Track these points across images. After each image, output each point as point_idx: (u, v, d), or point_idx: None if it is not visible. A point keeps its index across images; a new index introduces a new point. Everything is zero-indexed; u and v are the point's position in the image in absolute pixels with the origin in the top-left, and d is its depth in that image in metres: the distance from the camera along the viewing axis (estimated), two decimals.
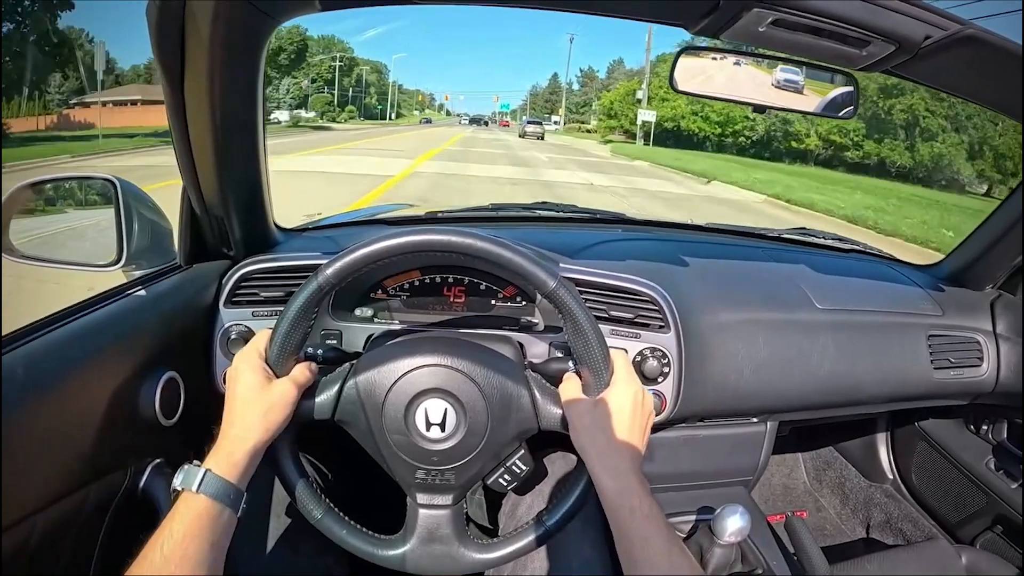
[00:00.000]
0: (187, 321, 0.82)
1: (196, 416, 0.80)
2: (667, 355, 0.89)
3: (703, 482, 1.11)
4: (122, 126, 22.11)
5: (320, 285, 0.62)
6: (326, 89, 58.51)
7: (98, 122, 20.88)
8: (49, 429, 0.59)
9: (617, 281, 0.89)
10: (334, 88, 59.80)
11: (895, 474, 1.46)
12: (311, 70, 56.61)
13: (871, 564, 1.14)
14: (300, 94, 53.00)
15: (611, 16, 0.69)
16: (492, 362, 0.67)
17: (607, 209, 1.48)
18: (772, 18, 0.62)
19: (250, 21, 0.60)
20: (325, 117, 50.90)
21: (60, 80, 28.38)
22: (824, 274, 1.15)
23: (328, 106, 54.74)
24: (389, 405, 0.65)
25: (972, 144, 28.87)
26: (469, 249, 0.62)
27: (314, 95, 54.79)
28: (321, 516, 0.67)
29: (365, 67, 71.13)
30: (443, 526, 0.69)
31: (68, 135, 18.18)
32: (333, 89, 59.61)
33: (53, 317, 0.67)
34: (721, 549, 0.84)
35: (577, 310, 0.63)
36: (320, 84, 58.47)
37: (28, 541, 0.56)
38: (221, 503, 0.55)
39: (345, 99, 63.45)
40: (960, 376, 1.12)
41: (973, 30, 0.62)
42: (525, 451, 0.71)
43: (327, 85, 59.39)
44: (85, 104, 27.34)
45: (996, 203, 1.16)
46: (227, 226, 0.84)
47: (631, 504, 0.58)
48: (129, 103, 30.68)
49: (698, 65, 0.82)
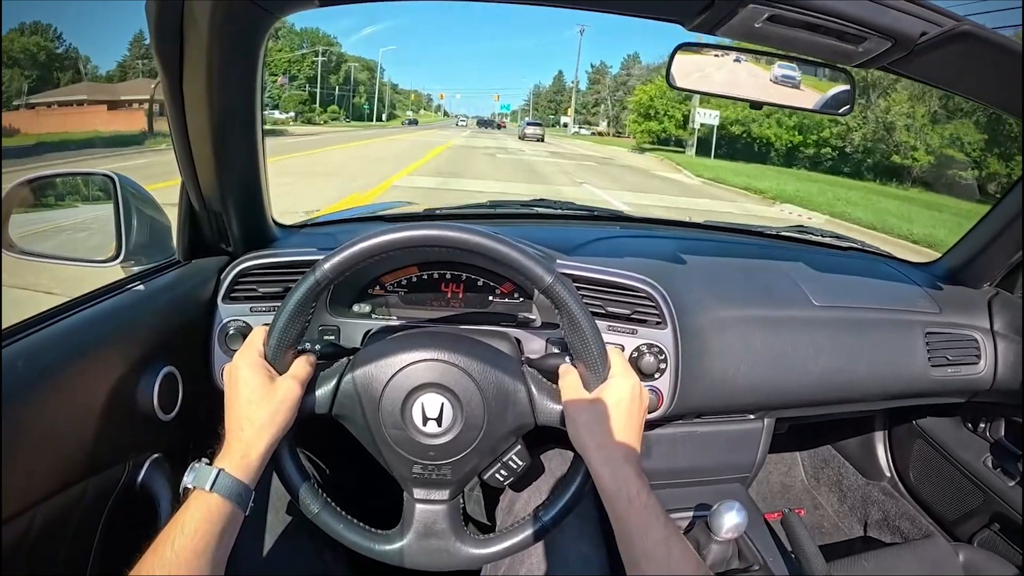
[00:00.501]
0: (185, 316, 0.83)
1: (194, 411, 0.81)
2: (664, 351, 0.89)
3: (700, 479, 1.11)
4: (60, 131, 18.32)
5: (317, 280, 0.62)
6: (308, 87, 53.47)
7: (27, 127, 17.23)
8: (48, 423, 0.59)
9: (614, 277, 0.89)
10: (317, 86, 54.11)
11: (893, 472, 1.46)
12: (291, 66, 52.77)
13: (869, 562, 1.15)
14: (278, 93, 48.99)
15: (607, 12, 0.69)
16: (489, 357, 0.68)
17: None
18: (768, 14, 0.62)
19: (249, 16, 0.61)
20: (301, 118, 46.86)
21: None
22: (821, 271, 1.15)
23: (303, 105, 50.61)
24: (386, 400, 0.65)
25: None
26: (466, 244, 0.62)
27: (288, 93, 50.36)
28: (318, 511, 0.68)
29: (354, 64, 65.35)
30: (440, 521, 0.69)
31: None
32: (316, 87, 53.89)
33: (52, 312, 0.67)
34: (718, 545, 0.84)
35: (574, 306, 0.63)
36: (302, 81, 53.57)
37: (27, 534, 0.57)
38: (233, 502, 0.56)
39: (331, 98, 58.51)
40: (957, 374, 1.12)
41: (969, 26, 0.62)
42: (522, 446, 0.71)
43: (309, 83, 54.16)
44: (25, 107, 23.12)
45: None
46: (225, 222, 0.84)
47: (629, 494, 0.59)
48: (75, 103, 26.24)
49: (695, 61, 0.82)
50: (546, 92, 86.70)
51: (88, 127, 18.79)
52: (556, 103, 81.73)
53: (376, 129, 41.98)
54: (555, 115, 79.04)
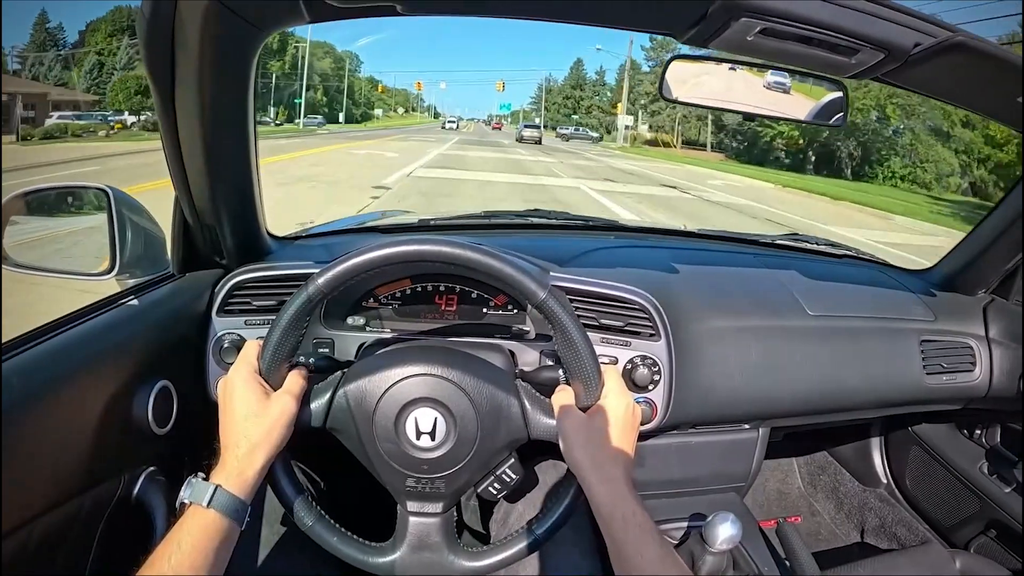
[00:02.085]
0: (180, 330, 0.83)
1: (189, 425, 0.81)
2: (658, 363, 0.89)
3: (695, 489, 1.11)
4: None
5: (311, 295, 0.62)
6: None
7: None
8: (43, 438, 0.59)
9: (607, 289, 0.89)
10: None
11: (889, 479, 1.46)
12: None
13: (865, 568, 1.14)
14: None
15: (600, 26, 0.69)
16: (482, 372, 0.68)
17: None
18: (760, 27, 0.62)
19: (238, 33, 0.61)
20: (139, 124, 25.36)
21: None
22: (816, 280, 1.15)
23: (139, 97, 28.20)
24: (380, 414, 0.65)
25: None
26: (459, 260, 0.62)
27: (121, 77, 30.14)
28: (312, 523, 0.68)
29: (304, 46, 42.84)
30: (433, 534, 0.69)
31: None
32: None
33: (47, 327, 0.67)
34: (712, 557, 0.84)
35: (567, 322, 0.63)
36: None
37: (24, 549, 0.57)
38: (230, 518, 0.57)
39: (265, 92, 39.52)
40: (953, 381, 1.12)
41: (962, 37, 0.62)
42: (515, 460, 0.71)
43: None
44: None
45: None
46: (219, 234, 0.84)
47: (624, 514, 0.59)
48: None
49: (690, 71, 0.82)
50: (561, 87, 68.14)
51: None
52: (575, 100, 62.67)
53: (318, 136, 27.34)
54: (574, 114, 60.36)
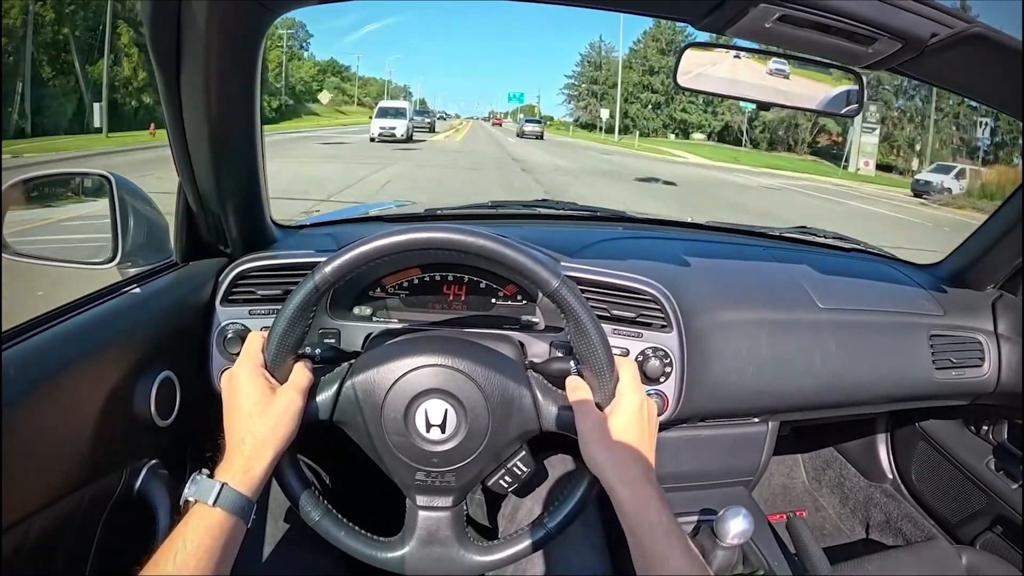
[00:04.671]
0: (183, 320, 0.81)
1: (192, 416, 0.79)
2: (669, 355, 0.88)
3: (704, 482, 1.10)
4: None
5: (317, 284, 0.61)
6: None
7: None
8: (44, 430, 0.58)
9: (619, 280, 0.88)
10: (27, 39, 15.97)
11: (895, 474, 1.46)
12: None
13: (871, 564, 1.14)
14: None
15: (617, 11, 0.67)
16: (493, 362, 0.66)
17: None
18: (778, 14, 0.61)
19: (248, 14, 0.59)
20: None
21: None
22: (826, 273, 1.15)
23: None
24: (388, 406, 0.64)
25: None
26: (470, 247, 0.61)
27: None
28: (319, 518, 0.67)
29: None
30: (443, 528, 0.68)
31: None
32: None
33: (47, 316, 0.66)
34: (724, 551, 0.83)
35: (580, 310, 0.62)
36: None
37: (25, 543, 0.56)
38: (236, 517, 0.55)
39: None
40: (961, 376, 1.12)
41: (980, 28, 0.61)
42: (526, 453, 0.70)
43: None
44: None
45: None
46: (223, 223, 0.83)
47: (650, 520, 0.58)
48: None
49: (705, 61, 0.81)
50: (585, 70, 47.82)
51: None
52: (604, 87, 44.23)
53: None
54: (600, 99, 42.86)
